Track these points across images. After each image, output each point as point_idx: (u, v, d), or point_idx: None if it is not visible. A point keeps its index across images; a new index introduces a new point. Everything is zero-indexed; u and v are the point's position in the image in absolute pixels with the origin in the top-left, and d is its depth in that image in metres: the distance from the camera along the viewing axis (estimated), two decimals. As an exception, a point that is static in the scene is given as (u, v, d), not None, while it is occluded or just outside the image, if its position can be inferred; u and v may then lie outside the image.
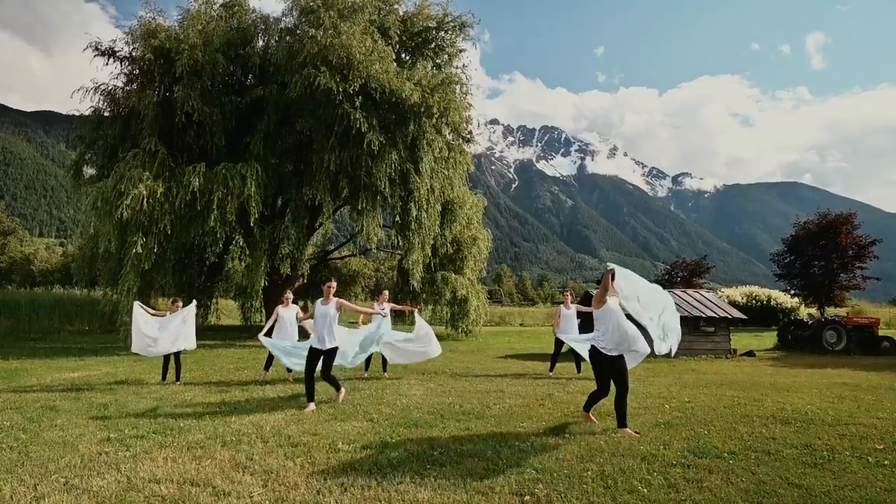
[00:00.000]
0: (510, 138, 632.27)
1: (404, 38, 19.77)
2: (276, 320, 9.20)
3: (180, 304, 9.48)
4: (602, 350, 5.49)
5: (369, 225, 16.93)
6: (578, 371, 10.38)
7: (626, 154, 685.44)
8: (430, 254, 20.11)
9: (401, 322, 27.54)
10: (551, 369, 10.54)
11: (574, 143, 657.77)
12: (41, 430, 5.56)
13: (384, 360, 10.01)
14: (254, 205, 14.68)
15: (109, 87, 16.52)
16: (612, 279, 5.49)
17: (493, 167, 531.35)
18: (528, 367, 11.74)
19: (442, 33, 20.80)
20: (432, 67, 19.01)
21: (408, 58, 19.87)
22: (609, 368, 5.50)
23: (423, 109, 16.36)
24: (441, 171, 18.56)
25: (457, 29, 20.68)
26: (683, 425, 5.68)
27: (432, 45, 20.42)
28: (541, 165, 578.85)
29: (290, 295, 9.69)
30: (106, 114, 16.98)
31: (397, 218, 17.92)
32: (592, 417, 5.79)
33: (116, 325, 15.15)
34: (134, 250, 13.35)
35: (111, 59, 15.96)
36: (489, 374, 10.42)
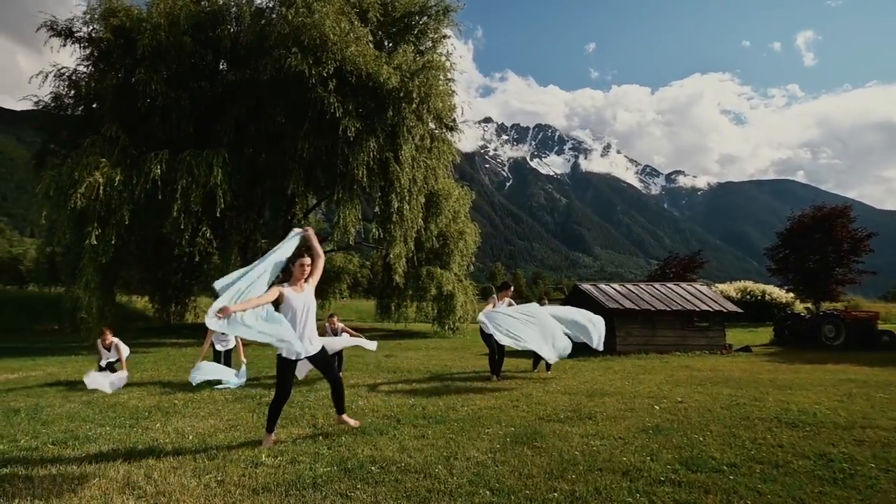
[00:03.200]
0: (504, 136, 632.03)
1: (385, 22, 18.93)
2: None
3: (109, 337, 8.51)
4: None
5: (347, 217, 16.09)
6: (548, 369, 9.62)
7: (619, 152, 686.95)
8: (413, 248, 19.30)
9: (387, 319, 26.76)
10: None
11: (567, 141, 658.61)
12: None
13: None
14: (221, 194, 13.77)
15: (70, 72, 15.53)
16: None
17: (486, 165, 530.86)
18: (513, 363, 10.94)
19: (425, 18, 19.99)
20: (414, 53, 18.16)
21: (389, 43, 19.02)
22: None
23: (402, 95, 15.52)
24: (423, 160, 17.73)
25: (440, 14, 19.88)
26: (675, 430, 4.89)
27: (415, 31, 19.59)
28: (535, 164, 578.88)
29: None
30: (67, 100, 16.00)
31: (377, 209, 17.07)
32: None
33: (77, 323, 14.24)
34: (88, 241, 12.42)
35: (68, 41, 14.99)
36: (466, 372, 9.61)
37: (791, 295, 29.46)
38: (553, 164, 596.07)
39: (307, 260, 4.72)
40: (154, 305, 22.19)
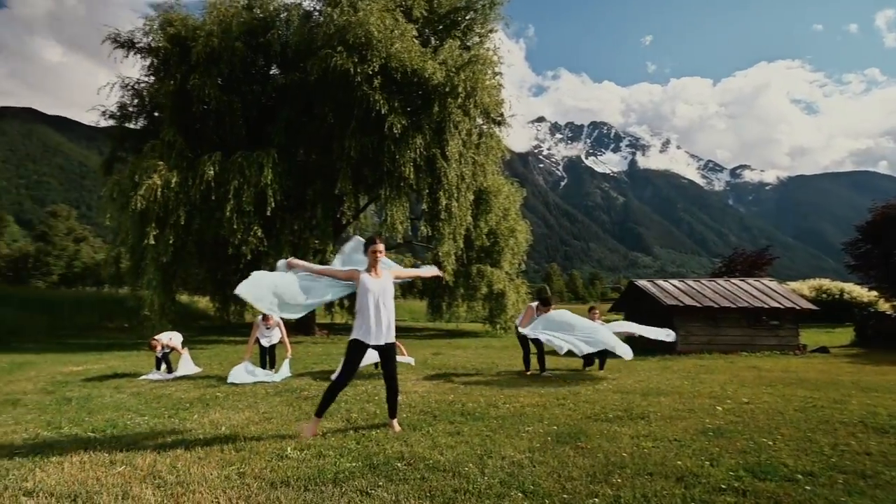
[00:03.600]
0: (557, 135, 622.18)
1: (431, 19, 18.81)
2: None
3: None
4: None
5: (394, 215, 16.04)
6: (601, 367, 9.14)
7: (679, 147, 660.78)
8: (462, 246, 19.05)
9: (438, 318, 26.63)
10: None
11: (624, 137, 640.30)
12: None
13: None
14: (271, 193, 14.03)
15: (133, 82, 16.32)
16: None
17: (540, 165, 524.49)
18: (563, 362, 10.47)
19: (472, 13, 19.71)
20: (460, 48, 17.91)
21: (435, 40, 18.86)
22: None
23: (447, 90, 15.31)
24: (471, 156, 17.44)
25: (486, 8, 19.54)
26: (740, 433, 4.37)
27: (461, 26, 19.33)
28: (590, 162, 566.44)
29: None
30: (131, 109, 16.83)
31: (424, 207, 16.93)
32: None
33: (142, 320, 14.90)
34: (147, 241, 12.95)
35: (130, 51, 15.74)
36: (513, 370, 9.23)
37: (874, 293, 27.06)
38: (609, 162, 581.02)
39: (380, 246, 4.60)
40: (215, 304, 23.02)
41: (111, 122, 16.87)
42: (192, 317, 24.32)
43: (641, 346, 13.41)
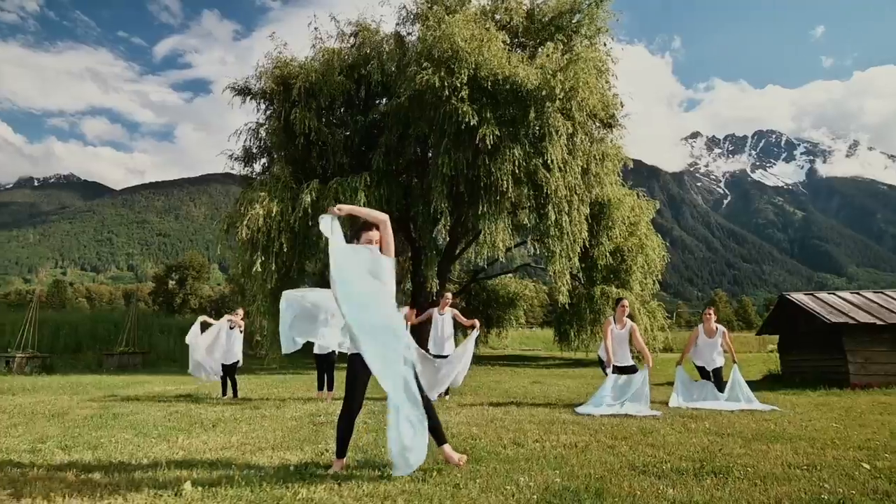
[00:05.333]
0: (716, 150, 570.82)
1: (532, 28, 17.85)
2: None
3: (240, 314, 8.83)
4: None
5: (494, 231, 15.00)
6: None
7: (871, 148, 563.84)
8: (578, 264, 17.25)
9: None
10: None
11: (798, 145, 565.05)
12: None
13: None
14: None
15: (253, 125, 17.73)
16: None
17: (698, 184, 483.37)
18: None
19: (578, 16, 18.33)
20: (563, 51, 16.60)
21: (534, 47, 17.79)
22: None
23: (543, 93, 14.11)
24: (579, 164, 15.81)
25: (594, 6, 18.03)
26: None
27: (566, 31, 18.00)
28: (757, 175, 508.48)
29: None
30: (255, 151, 18.27)
31: (526, 222, 15.66)
32: None
33: (254, 346, 15.65)
34: (255, 269, 13.55)
35: (246, 97, 17.18)
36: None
37: None
38: (781, 174, 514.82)
39: (374, 234, 3.58)
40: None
41: (240, 166, 18.44)
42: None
43: (802, 376, 10.64)
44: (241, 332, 8.69)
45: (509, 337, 30.43)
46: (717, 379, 7.51)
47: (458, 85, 13.85)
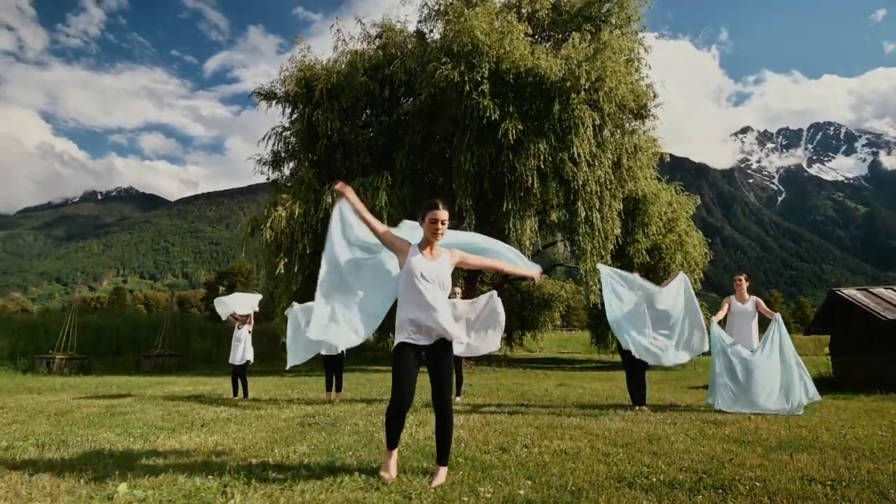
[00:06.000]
0: (769, 145, 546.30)
1: (560, 20, 17.32)
2: None
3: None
4: None
5: (520, 229, 14.53)
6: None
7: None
8: (610, 263, 16.55)
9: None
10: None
11: (859, 136, 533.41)
12: None
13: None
14: (386, 216, 13.74)
15: (281, 129, 17.86)
16: None
17: (749, 181, 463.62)
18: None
19: (608, 4, 17.66)
20: (590, 41, 15.99)
21: (563, 38, 17.23)
22: None
23: (568, 84, 13.58)
24: (609, 157, 15.15)
25: (624, -7, 17.32)
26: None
27: (595, 21, 17.37)
28: (814, 170, 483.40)
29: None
30: (283, 154, 18.42)
31: (554, 218, 15.11)
32: None
33: (281, 347, 15.71)
34: (278, 270, 13.58)
35: (272, 101, 17.33)
36: (621, 406, 6.98)
37: None
38: (841, 167, 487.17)
39: (442, 214, 3.16)
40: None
41: (270, 170, 18.62)
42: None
43: (854, 379, 9.72)
44: (249, 331, 8.60)
45: (545, 339, 29.74)
46: None
47: (479, 79, 13.51)
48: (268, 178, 18.60)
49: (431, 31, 16.93)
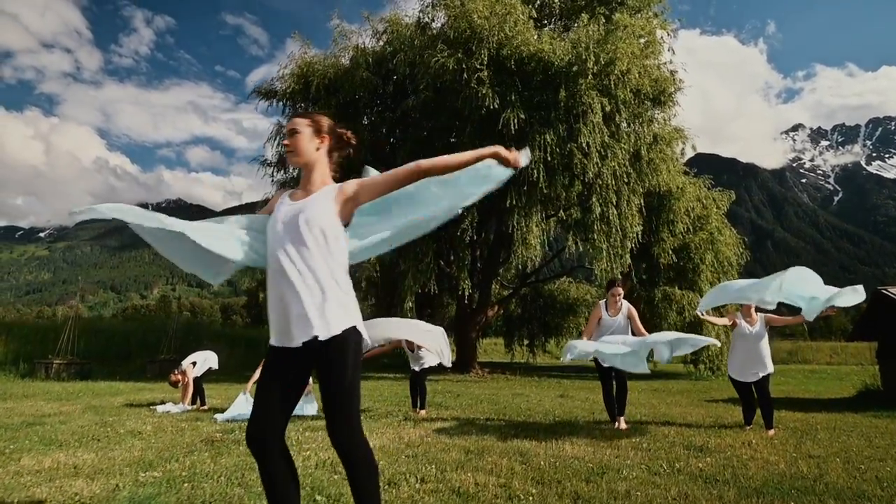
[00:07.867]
0: (823, 142, 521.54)
1: (573, 8, 16.27)
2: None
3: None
4: None
5: (526, 227, 13.51)
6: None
7: None
8: (629, 263, 15.31)
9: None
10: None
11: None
12: None
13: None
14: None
15: (281, 129, 17.38)
16: None
17: (802, 180, 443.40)
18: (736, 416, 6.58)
19: (625, -14, 16.48)
20: (604, 25, 14.86)
21: (572, 23, 16.16)
22: None
23: (575, 69, 12.52)
24: (622, 149, 13.95)
25: (641, -29, 16.12)
26: None
27: (609, 3, 16.19)
28: (874, 168, 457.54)
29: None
30: (285, 154, 17.95)
31: (563, 215, 14.00)
32: None
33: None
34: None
35: (272, 100, 16.87)
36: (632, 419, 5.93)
37: None
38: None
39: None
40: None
41: (275, 171, 18.18)
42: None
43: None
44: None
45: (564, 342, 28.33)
46: (762, 393, 5.51)
47: (478, 66, 12.61)
48: (272, 180, 18.19)
49: (433, 20, 16.14)
